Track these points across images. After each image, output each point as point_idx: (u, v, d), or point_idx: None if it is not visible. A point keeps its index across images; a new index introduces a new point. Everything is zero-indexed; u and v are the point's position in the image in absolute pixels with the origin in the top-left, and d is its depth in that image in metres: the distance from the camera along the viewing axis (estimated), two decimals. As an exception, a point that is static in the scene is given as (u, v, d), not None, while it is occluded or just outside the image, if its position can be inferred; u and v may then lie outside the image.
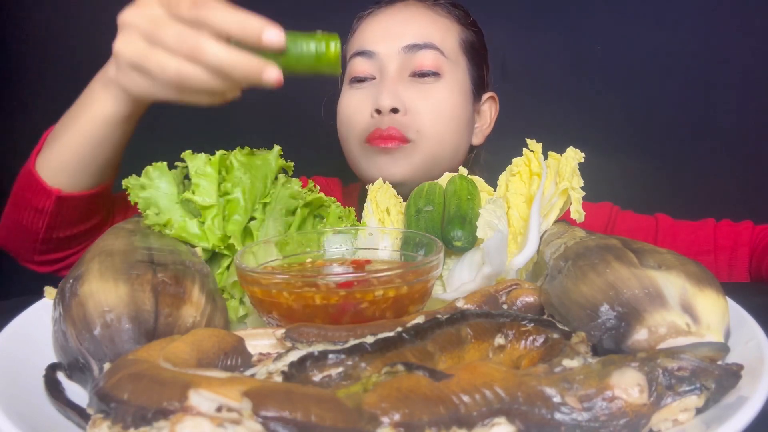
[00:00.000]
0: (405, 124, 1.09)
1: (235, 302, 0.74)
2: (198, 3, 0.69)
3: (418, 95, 1.11)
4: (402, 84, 1.11)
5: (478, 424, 0.44)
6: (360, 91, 1.15)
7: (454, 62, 1.16)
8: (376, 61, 1.14)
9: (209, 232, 0.75)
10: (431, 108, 1.11)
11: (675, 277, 0.57)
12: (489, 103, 1.29)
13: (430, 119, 1.11)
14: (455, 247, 0.75)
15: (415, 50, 1.12)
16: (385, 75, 1.12)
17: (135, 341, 0.57)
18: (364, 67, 1.15)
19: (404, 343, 0.53)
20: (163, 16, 0.70)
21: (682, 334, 0.54)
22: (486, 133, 1.29)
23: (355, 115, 1.15)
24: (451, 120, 1.14)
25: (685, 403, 0.47)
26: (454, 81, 1.16)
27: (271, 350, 0.57)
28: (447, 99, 1.13)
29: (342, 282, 0.62)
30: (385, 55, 1.13)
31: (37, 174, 0.91)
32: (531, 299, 0.65)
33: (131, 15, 0.73)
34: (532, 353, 0.55)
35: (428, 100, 1.11)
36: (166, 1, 0.71)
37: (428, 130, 1.11)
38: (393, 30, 1.15)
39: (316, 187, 0.87)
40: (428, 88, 1.12)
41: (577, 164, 0.80)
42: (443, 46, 1.14)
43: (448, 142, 1.14)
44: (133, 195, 0.77)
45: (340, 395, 0.44)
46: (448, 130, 1.14)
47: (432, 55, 1.12)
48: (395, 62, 1.12)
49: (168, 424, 0.42)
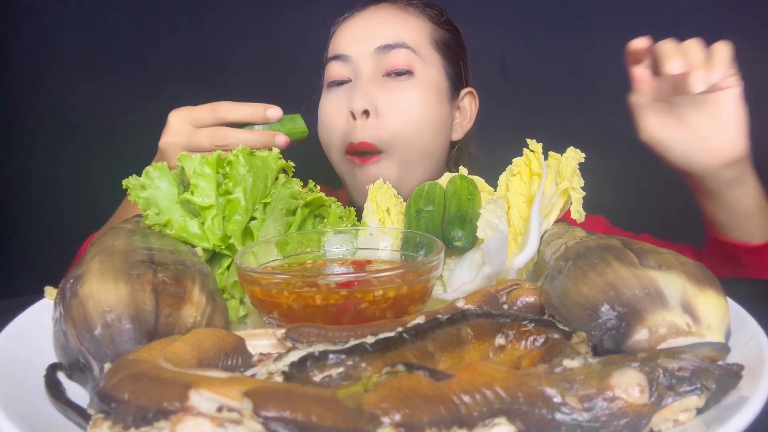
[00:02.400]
0: (376, 131, 1.12)
1: (235, 302, 0.74)
2: (215, 108, 0.99)
3: (390, 95, 1.13)
4: (375, 84, 1.14)
5: (479, 425, 0.44)
6: (337, 94, 1.18)
7: (426, 60, 1.18)
8: (350, 65, 1.17)
9: (209, 232, 0.75)
10: (403, 108, 1.13)
11: (675, 277, 0.57)
12: (468, 99, 1.30)
13: (401, 121, 1.13)
14: (455, 247, 0.75)
15: (387, 50, 1.14)
16: (359, 77, 1.15)
17: (135, 341, 0.57)
18: (339, 70, 1.18)
19: (405, 343, 0.53)
20: (193, 129, 0.99)
21: (683, 335, 0.54)
22: (466, 128, 1.31)
23: (332, 119, 1.18)
24: (423, 120, 1.16)
25: (685, 403, 0.47)
26: (428, 79, 1.17)
27: (272, 350, 0.57)
28: (420, 97, 1.15)
29: (342, 282, 0.62)
30: (358, 57, 1.16)
31: None
32: (531, 299, 0.65)
33: (166, 141, 0.99)
34: (533, 353, 0.55)
35: (400, 100, 1.13)
36: (190, 117, 0.99)
37: (400, 134, 1.13)
38: (365, 33, 1.18)
39: (316, 187, 0.87)
40: (401, 86, 1.14)
41: (578, 164, 0.80)
42: (415, 45, 1.16)
43: (419, 145, 1.16)
44: (133, 195, 0.77)
45: (341, 395, 0.44)
46: (419, 132, 1.15)
47: (404, 54, 1.14)
48: (369, 64, 1.15)
49: (168, 424, 0.42)
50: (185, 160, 0.77)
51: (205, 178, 0.77)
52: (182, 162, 0.77)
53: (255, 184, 0.78)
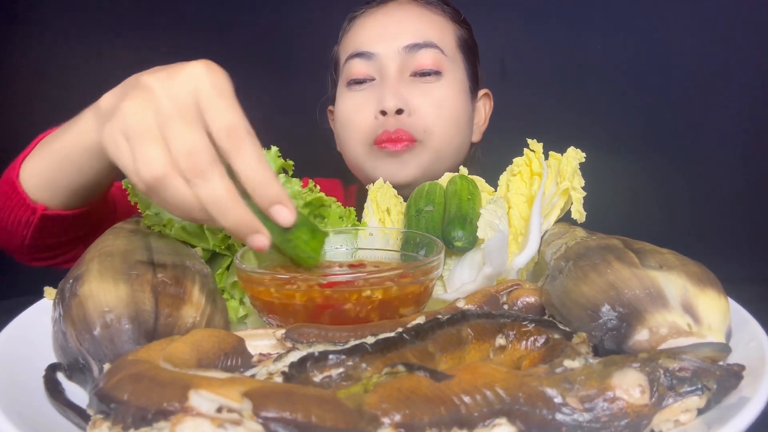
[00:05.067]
0: (411, 124, 1.09)
1: (235, 302, 0.74)
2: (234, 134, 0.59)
3: (420, 95, 1.11)
4: (403, 84, 1.11)
5: (479, 425, 0.44)
6: (360, 93, 1.14)
7: (453, 60, 1.17)
8: (375, 62, 1.13)
9: (209, 232, 0.75)
10: (435, 107, 1.11)
11: (676, 277, 0.57)
12: (484, 100, 1.29)
13: (434, 118, 1.11)
14: (456, 247, 0.75)
15: (415, 50, 1.12)
16: (386, 76, 1.12)
17: (135, 342, 0.56)
18: (362, 68, 1.14)
19: (405, 343, 0.53)
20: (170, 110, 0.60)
21: (684, 335, 0.53)
22: (482, 129, 1.30)
23: (357, 118, 1.14)
24: (454, 118, 1.14)
25: (686, 403, 0.47)
26: (455, 79, 1.16)
27: (272, 351, 0.57)
28: (449, 97, 1.13)
29: (343, 282, 0.62)
30: (384, 55, 1.12)
31: (21, 187, 0.87)
32: (532, 299, 0.65)
33: None
34: (533, 354, 0.55)
35: (431, 99, 1.11)
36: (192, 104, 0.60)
37: (434, 128, 1.11)
38: (390, 29, 1.15)
39: (316, 187, 0.87)
40: (430, 88, 1.12)
41: (578, 164, 0.80)
42: (442, 45, 1.15)
43: (453, 140, 1.15)
44: (132, 195, 0.77)
45: (341, 396, 0.44)
46: (452, 128, 1.14)
47: (432, 54, 1.12)
48: (395, 62, 1.12)
49: (168, 424, 0.42)
50: None
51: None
52: None
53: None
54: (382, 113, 1.09)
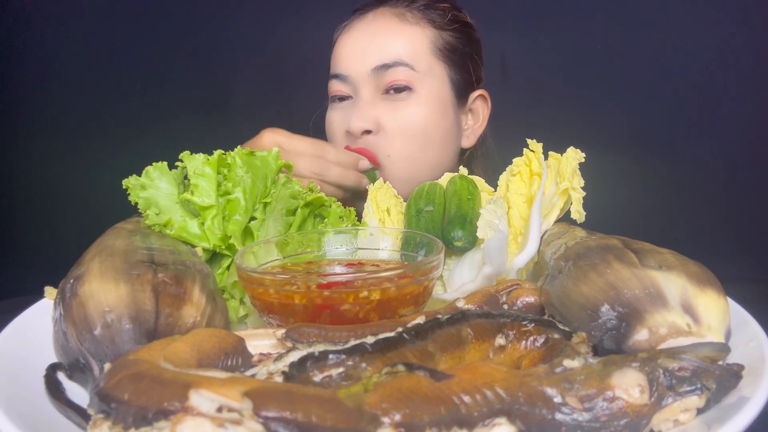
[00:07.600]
0: (376, 144, 1.13)
1: (235, 302, 0.74)
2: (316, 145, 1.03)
3: (391, 112, 1.14)
4: (375, 102, 1.15)
5: (479, 425, 0.44)
6: (339, 110, 1.21)
7: (427, 74, 1.17)
8: (349, 83, 1.18)
9: (209, 232, 0.75)
10: (404, 125, 1.14)
11: (676, 277, 0.57)
12: (479, 102, 1.28)
13: (401, 139, 1.14)
14: (456, 247, 0.75)
15: (384, 70, 1.14)
16: (359, 96, 1.17)
17: (135, 341, 0.56)
18: (340, 87, 1.20)
19: (405, 343, 0.53)
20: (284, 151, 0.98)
21: (683, 335, 0.53)
22: (478, 132, 1.29)
23: (334, 132, 1.21)
24: (424, 137, 1.16)
25: (686, 403, 0.47)
26: (429, 93, 1.17)
27: (272, 350, 0.57)
28: (419, 113, 1.15)
29: (343, 282, 0.62)
30: (356, 77, 1.17)
31: None
32: (532, 299, 0.65)
33: None
34: (533, 353, 0.55)
35: (400, 118, 1.14)
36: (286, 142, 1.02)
37: (399, 153, 1.14)
38: (362, 50, 1.18)
39: (316, 187, 0.87)
40: (401, 105, 1.15)
41: (578, 164, 0.80)
42: (413, 60, 1.15)
43: (421, 161, 1.17)
44: (133, 195, 0.77)
45: (341, 395, 0.44)
46: (420, 149, 1.16)
47: (402, 72, 1.15)
48: (367, 83, 1.16)
49: (169, 424, 0.42)
50: (188, 159, 0.77)
51: (205, 178, 0.77)
52: (186, 161, 0.77)
53: (254, 184, 0.78)
54: (351, 134, 1.15)
